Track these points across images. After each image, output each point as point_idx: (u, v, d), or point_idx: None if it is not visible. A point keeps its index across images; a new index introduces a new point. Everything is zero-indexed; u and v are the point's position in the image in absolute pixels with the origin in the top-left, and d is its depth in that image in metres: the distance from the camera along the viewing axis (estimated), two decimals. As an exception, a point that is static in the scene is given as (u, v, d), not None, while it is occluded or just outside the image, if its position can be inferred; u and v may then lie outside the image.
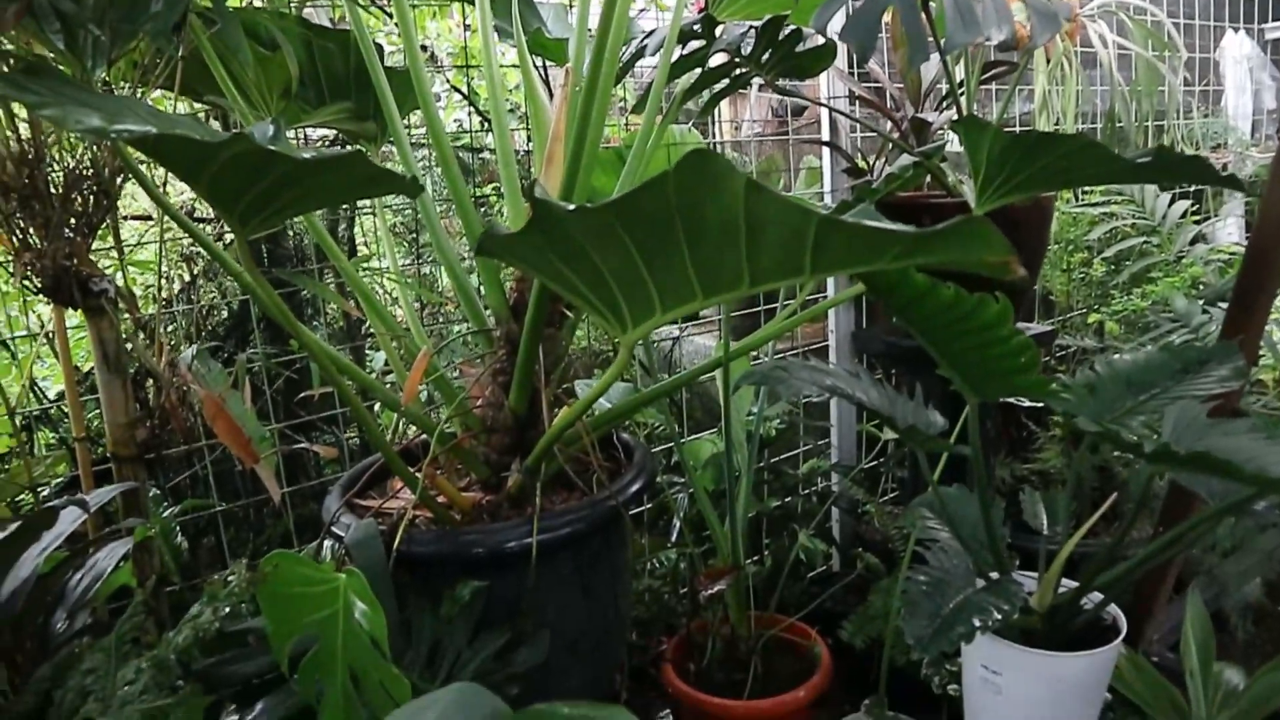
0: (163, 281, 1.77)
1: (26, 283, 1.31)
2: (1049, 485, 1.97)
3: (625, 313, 0.90)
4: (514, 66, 1.94)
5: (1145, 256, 2.73)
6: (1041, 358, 2.60)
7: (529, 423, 1.35)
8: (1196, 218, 2.88)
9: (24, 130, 1.24)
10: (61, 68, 1.08)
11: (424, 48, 2.71)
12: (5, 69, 1.05)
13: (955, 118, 1.80)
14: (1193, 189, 3.10)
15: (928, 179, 1.75)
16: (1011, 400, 1.58)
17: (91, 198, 1.32)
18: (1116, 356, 1.34)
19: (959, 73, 1.92)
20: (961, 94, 1.82)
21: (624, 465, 1.45)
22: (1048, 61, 2.68)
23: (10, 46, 1.14)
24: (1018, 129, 2.81)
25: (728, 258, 0.76)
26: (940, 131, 1.90)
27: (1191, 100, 3.56)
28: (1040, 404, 1.87)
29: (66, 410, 1.76)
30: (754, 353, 1.83)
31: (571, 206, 0.73)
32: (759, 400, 1.88)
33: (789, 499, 2.20)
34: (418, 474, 1.25)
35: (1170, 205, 2.80)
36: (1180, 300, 2.30)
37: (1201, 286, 2.57)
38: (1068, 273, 2.84)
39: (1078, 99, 2.75)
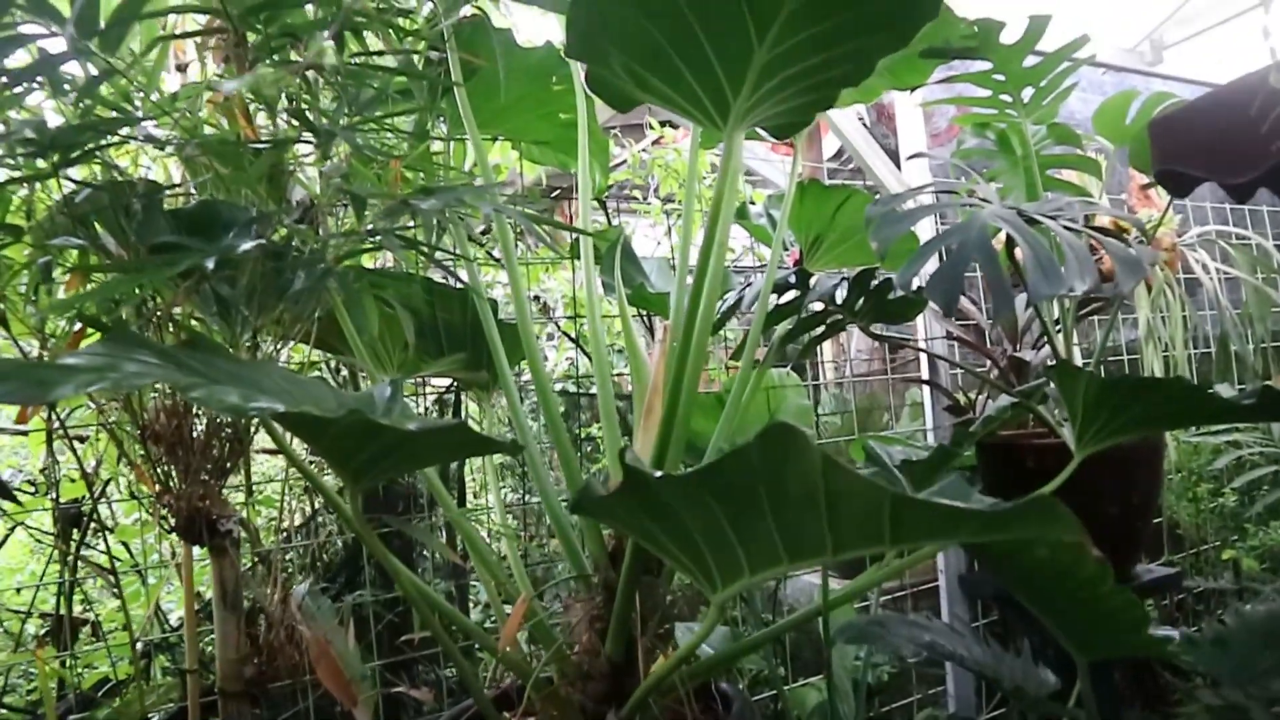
0: (282, 516, 1.87)
1: (163, 520, 1.42)
2: (1196, 747, 1.78)
3: (715, 573, 0.91)
4: (617, 317, 2.06)
5: (1280, 487, 2.57)
6: (1173, 599, 2.43)
7: (625, 670, 1.33)
8: (1333, 444, 2.72)
9: (177, 385, 1.39)
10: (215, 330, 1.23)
11: (536, 298, 2.91)
12: (170, 337, 1.19)
13: (1052, 355, 1.81)
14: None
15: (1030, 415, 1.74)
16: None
17: (228, 445, 1.44)
18: (1248, 607, 1.25)
19: (1055, 309, 1.94)
20: (1058, 332, 1.83)
21: (722, 717, 1.40)
22: (1149, 291, 2.69)
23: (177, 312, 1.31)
24: (1125, 359, 2.79)
25: (810, 526, 0.78)
26: (1039, 369, 1.90)
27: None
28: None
29: (183, 637, 1.83)
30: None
31: (659, 473, 0.77)
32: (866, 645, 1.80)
33: (903, 753, 2.05)
34: (512, 723, 1.24)
35: (1301, 432, 2.66)
36: (1326, 536, 2.15)
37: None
38: (1195, 503, 2.69)
39: (1185, 325, 2.72)
